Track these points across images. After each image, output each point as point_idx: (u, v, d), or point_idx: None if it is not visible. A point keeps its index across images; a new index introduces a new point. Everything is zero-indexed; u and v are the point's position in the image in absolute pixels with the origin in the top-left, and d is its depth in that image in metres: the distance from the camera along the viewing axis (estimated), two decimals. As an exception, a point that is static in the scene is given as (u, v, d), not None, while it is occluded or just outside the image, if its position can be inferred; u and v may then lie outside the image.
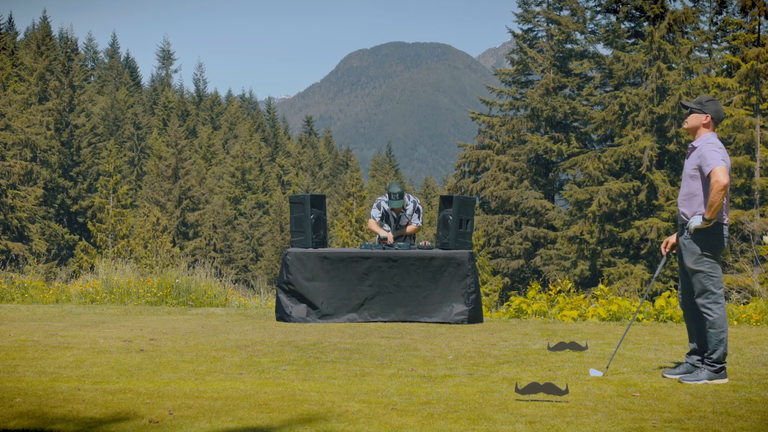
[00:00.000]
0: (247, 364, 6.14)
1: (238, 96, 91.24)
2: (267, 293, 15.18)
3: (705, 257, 5.58)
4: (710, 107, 5.74)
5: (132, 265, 13.59)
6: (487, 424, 4.35)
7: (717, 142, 5.64)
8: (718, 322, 5.55)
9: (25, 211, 44.21)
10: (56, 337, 7.56)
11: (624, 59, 34.07)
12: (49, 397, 4.87)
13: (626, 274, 31.47)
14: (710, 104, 5.75)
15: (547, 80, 36.47)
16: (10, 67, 54.05)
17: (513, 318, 10.45)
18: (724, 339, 5.56)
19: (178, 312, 10.26)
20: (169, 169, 52.21)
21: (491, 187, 36.69)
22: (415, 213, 9.78)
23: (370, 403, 4.79)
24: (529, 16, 38.20)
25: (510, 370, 6.03)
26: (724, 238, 5.62)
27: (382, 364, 6.21)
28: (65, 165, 51.84)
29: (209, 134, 70.43)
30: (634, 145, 32.71)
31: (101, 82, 77.51)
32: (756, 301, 10.50)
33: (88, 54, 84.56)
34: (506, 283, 34.82)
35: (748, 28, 30.94)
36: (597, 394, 5.16)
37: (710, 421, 4.48)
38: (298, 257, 9.04)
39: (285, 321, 8.96)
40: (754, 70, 30.07)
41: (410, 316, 8.94)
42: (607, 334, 8.17)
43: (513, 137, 37.84)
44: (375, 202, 9.88)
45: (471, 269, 8.97)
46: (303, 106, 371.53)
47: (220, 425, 4.25)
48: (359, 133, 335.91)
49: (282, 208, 55.10)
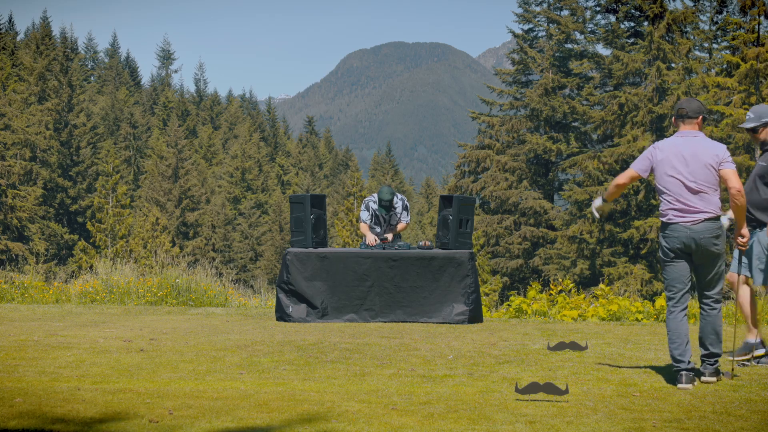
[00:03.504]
0: (247, 364, 6.14)
1: (238, 96, 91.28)
2: (267, 293, 15.18)
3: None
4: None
5: (132, 265, 13.58)
6: (487, 424, 4.35)
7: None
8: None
9: (25, 211, 44.20)
10: (56, 337, 7.56)
11: (623, 59, 34.07)
12: (49, 397, 4.87)
13: (626, 274, 31.47)
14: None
15: (547, 80, 36.46)
16: (10, 67, 54.03)
17: (513, 318, 10.45)
18: (670, 345, 5.66)
19: (178, 312, 10.26)
20: (169, 169, 52.21)
21: (491, 187, 36.68)
22: (404, 211, 9.76)
23: (370, 403, 4.79)
24: (529, 16, 38.19)
25: (510, 370, 6.03)
26: (664, 237, 5.62)
27: (382, 364, 6.21)
28: (65, 165, 51.83)
29: (209, 134, 70.41)
30: (633, 145, 32.70)
31: (101, 82, 77.47)
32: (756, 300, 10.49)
33: (88, 54, 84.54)
34: (505, 282, 34.81)
35: (747, 28, 30.94)
36: (597, 394, 5.16)
37: (710, 421, 4.48)
38: (298, 257, 9.04)
39: (285, 321, 8.97)
40: (753, 70, 30.06)
41: (410, 316, 8.94)
42: (607, 334, 8.17)
43: (513, 137, 37.83)
44: (363, 203, 9.83)
45: (471, 269, 8.97)
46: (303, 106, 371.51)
47: (220, 425, 4.25)
48: (359, 133, 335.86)
49: (282, 207, 55.08)
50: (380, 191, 9.54)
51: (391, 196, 9.49)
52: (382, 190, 9.54)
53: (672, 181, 5.55)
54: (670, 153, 5.60)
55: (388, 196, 9.46)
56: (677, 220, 5.55)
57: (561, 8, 37.80)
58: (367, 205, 9.75)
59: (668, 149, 5.62)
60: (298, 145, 77.45)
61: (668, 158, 5.59)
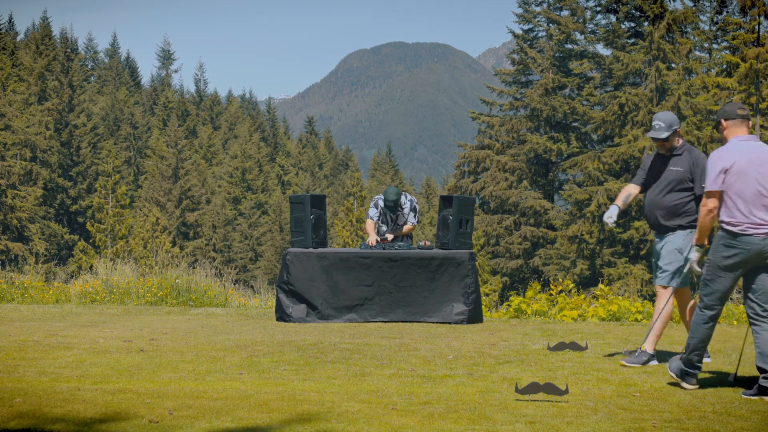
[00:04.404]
0: (247, 364, 6.14)
1: (238, 96, 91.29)
2: (267, 293, 15.18)
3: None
4: None
5: (132, 266, 13.58)
6: (487, 424, 4.35)
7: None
8: None
9: (25, 211, 44.19)
10: (56, 337, 7.56)
11: (624, 59, 34.07)
12: (49, 397, 4.87)
13: (626, 275, 31.48)
14: None
15: (547, 80, 36.45)
16: (10, 67, 54.03)
17: (513, 318, 10.45)
18: (695, 351, 5.45)
19: (178, 312, 10.26)
20: (169, 169, 52.22)
21: (491, 187, 36.67)
22: (411, 212, 9.76)
23: (370, 403, 4.79)
24: (529, 16, 38.18)
25: (510, 370, 6.03)
26: (728, 248, 5.31)
27: (382, 364, 6.21)
28: (65, 165, 51.83)
29: (209, 134, 70.41)
30: (633, 145, 32.70)
31: (101, 82, 77.47)
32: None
33: (88, 54, 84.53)
34: (505, 282, 34.81)
35: (747, 28, 30.94)
36: (597, 394, 5.16)
37: (710, 421, 4.48)
38: (298, 257, 9.04)
39: (285, 321, 8.96)
40: (753, 70, 30.06)
41: (410, 316, 8.94)
42: (607, 334, 8.18)
43: (513, 137, 37.82)
44: (373, 200, 9.85)
45: (471, 269, 8.97)
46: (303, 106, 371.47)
47: (220, 425, 4.25)
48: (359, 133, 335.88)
49: (281, 208, 55.07)
50: (386, 191, 9.55)
51: (396, 197, 9.48)
52: (388, 190, 9.55)
53: (751, 189, 5.19)
54: (753, 158, 5.23)
55: (393, 196, 9.46)
56: (752, 231, 5.19)
57: (561, 8, 37.79)
58: (376, 203, 9.76)
59: (744, 155, 5.23)
60: (298, 145, 77.45)
61: (750, 164, 5.22)
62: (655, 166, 6.43)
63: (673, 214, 6.26)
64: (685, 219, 6.25)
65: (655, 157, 6.48)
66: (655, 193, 6.35)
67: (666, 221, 6.30)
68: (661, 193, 6.32)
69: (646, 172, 6.51)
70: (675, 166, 6.30)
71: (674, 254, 6.23)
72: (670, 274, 6.23)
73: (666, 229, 6.31)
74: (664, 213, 6.30)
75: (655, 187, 6.37)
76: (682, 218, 6.25)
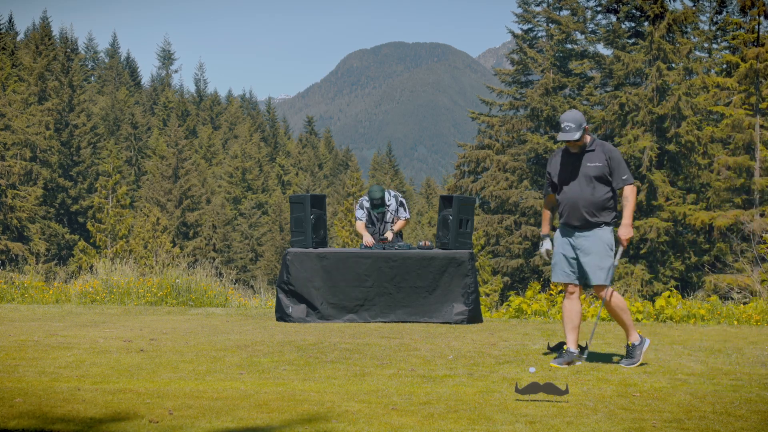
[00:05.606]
0: (247, 364, 6.14)
1: (238, 96, 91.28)
2: (267, 293, 15.18)
3: None
4: None
5: (132, 265, 13.58)
6: (487, 424, 4.35)
7: None
8: None
9: (25, 211, 44.19)
10: (56, 337, 7.56)
11: (624, 59, 34.08)
12: (49, 397, 4.87)
13: (626, 275, 31.48)
14: None
15: (547, 80, 36.46)
16: (10, 67, 54.02)
17: (513, 318, 10.45)
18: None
19: (178, 312, 10.26)
20: (170, 169, 52.22)
21: (491, 186, 36.68)
22: (399, 207, 9.73)
23: (370, 403, 4.79)
24: (529, 16, 38.18)
25: (510, 370, 6.03)
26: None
27: (382, 364, 6.21)
28: (65, 165, 51.82)
29: (209, 134, 70.42)
30: (633, 145, 32.71)
31: (101, 82, 77.48)
32: (756, 301, 10.51)
33: (88, 54, 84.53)
34: (506, 282, 34.82)
35: (747, 28, 30.94)
36: (597, 394, 5.16)
37: (710, 421, 4.48)
38: (298, 257, 9.04)
39: (285, 321, 8.97)
40: (753, 70, 30.06)
41: (410, 317, 8.94)
42: (608, 334, 8.18)
43: (513, 137, 37.83)
44: (358, 202, 9.82)
45: (471, 269, 8.97)
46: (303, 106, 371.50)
47: (220, 425, 4.25)
48: (359, 133, 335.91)
49: (282, 208, 55.07)
50: (370, 190, 9.54)
51: (381, 194, 9.46)
52: (372, 188, 9.54)
53: None
54: None
55: (378, 194, 9.45)
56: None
57: (561, 8, 37.79)
58: (361, 204, 9.75)
59: None
60: (298, 145, 77.45)
61: None
62: (569, 165, 6.32)
63: (601, 208, 6.21)
64: (610, 215, 6.24)
65: (562, 158, 6.38)
66: (578, 190, 6.22)
67: (592, 218, 6.22)
68: (586, 189, 6.22)
69: (556, 176, 6.38)
70: (592, 162, 6.25)
71: (606, 251, 6.22)
72: (606, 271, 6.23)
73: (592, 225, 6.25)
74: (593, 208, 6.21)
75: (575, 185, 6.25)
76: (607, 214, 6.23)
